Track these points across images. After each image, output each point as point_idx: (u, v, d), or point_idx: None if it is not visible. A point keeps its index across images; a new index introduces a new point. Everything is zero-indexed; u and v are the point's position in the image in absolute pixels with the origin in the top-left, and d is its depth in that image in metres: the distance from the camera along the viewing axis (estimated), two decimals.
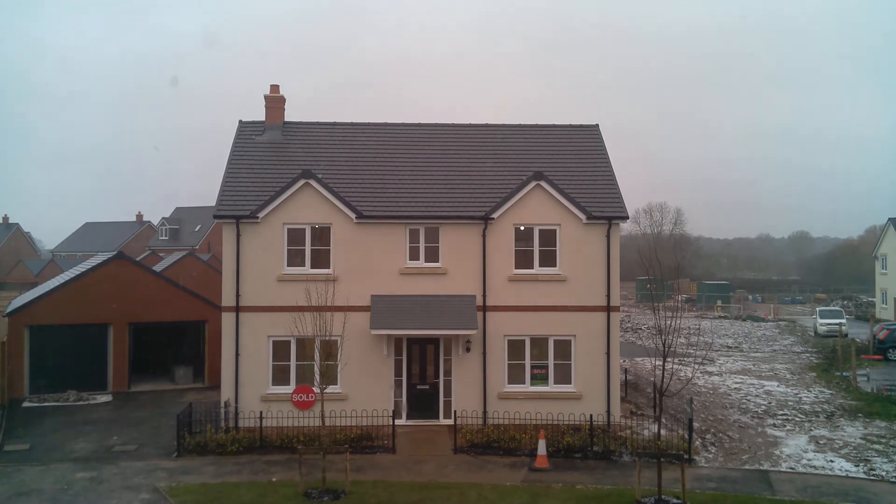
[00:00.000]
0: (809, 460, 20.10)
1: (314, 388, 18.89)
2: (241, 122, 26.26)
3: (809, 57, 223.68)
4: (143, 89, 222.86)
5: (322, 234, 22.53)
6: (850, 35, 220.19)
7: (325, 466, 16.88)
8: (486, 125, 26.84)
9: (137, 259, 38.99)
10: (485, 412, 22.13)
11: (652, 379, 21.88)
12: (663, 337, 16.47)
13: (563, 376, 22.66)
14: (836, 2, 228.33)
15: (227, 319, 22.09)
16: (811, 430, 23.49)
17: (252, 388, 21.90)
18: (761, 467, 19.43)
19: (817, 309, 56.57)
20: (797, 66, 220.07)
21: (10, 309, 29.50)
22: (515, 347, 22.71)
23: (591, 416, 20.81)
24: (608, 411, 22.26)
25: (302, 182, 22.32)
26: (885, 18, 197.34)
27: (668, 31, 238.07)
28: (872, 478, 18.65)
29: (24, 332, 27.99)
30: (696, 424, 22.47)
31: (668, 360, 16.50)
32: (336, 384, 21.10)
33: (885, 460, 20.05)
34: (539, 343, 22.74)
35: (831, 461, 20.02)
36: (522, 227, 22.82)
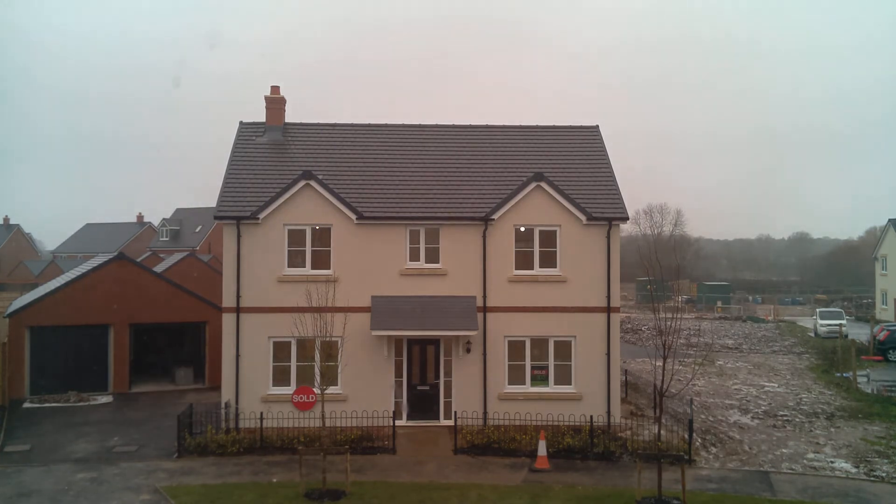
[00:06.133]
0: (810, 461, 20.12)
1: (314, 389, 18.93)
2: (241, 123, 26.30)
3: (810, 57, 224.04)
4: (145, 90, 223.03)
5: (322, 235, 22.56)
6: (849, 34, 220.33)
7: (326, 467, 16.89)
8: (487, 126, 26.88)
9: (138, 260, 38.98)
10: (485, 413, 22.14)
11: (652, 380, 21.89)
12: (663, 338, 16.49)
13: (564, 377, 22.68)
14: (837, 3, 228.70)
15: (228, 320, 22.11)
16: (811, 430, 23.51)
17: (252, 388, 21.91)
18: (762, 468, 19.44)
19: (817, 310, 56.53)
20: (798, 67, 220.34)
21: (10, 310, 29.53)
22: (516, 348, 22.72)
23: (591, 416, 20.83)
24: (608, 412, 22.27)
25: (302, 183, 22.35)
26: (883, 18, 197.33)
27: (670, 34, 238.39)
28: (873, 479, 18.66)
29: (25, 332, 28.01)
30: (696, 425, 22.49)
31: (669, 360, 16.51)
32: (336, 385, 21.11)
33: (886, 461, 20.06)
34: (539, 344, 22.76)
35: (832, 462, 20.03)
36: (523, 228, 22.84)
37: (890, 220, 63.30)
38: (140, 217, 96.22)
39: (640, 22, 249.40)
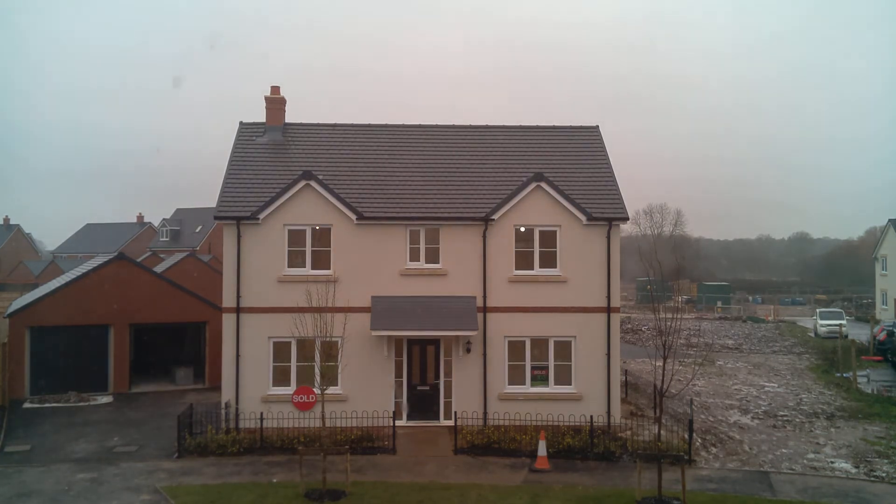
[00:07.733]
0: (810, 461, 20.13)
1: (314, 389, 18.93)
2: (241, 123, 26.30)
3: (809, 57, 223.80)
4: (146, 90, 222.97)
5: (322, 236, 22.57)
6: (850, 36, 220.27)
7: (326, 467, 16.89)
8: (487, 126, 26.90)
9: (138, 260, 38.99)
10: (485, 413, 22.15)
11: (652, 380, 21.90)
12: (663, 338, 16.50)
13: (564, 377, 22.69)
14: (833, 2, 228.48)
15: (228, 320, 22.11)
16: (811, 431, 23.52)
17: (253, 389, 21.91)
18: (762, 468, 19.44)
19: (817, 310, 56.57)
20: (796, 68, 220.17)
21: (11, 310, 29.54)
22: (516, 348, 22.73)
23: (591, 417, 20.84)
24: (608, 412, 22.27)
25: (303, 183, 22.35)
26: (887, 16, 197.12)
27: (671, 32, 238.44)
28: (873, 479, 18.68)
29: (25, 332, 28.02)
30: (696, 425, 22.49)
31: (669, 360, 16.52)
32: (336, 385, 21.11)
33: (886, 461, 20.08)
34: (539, 344, 22.76)
35: (832, 462, 20.04)
36: (523, 229, 22.84)
37: (890, 220, 63.34)
38: (140, 217, 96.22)
39: (636, 27, 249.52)
